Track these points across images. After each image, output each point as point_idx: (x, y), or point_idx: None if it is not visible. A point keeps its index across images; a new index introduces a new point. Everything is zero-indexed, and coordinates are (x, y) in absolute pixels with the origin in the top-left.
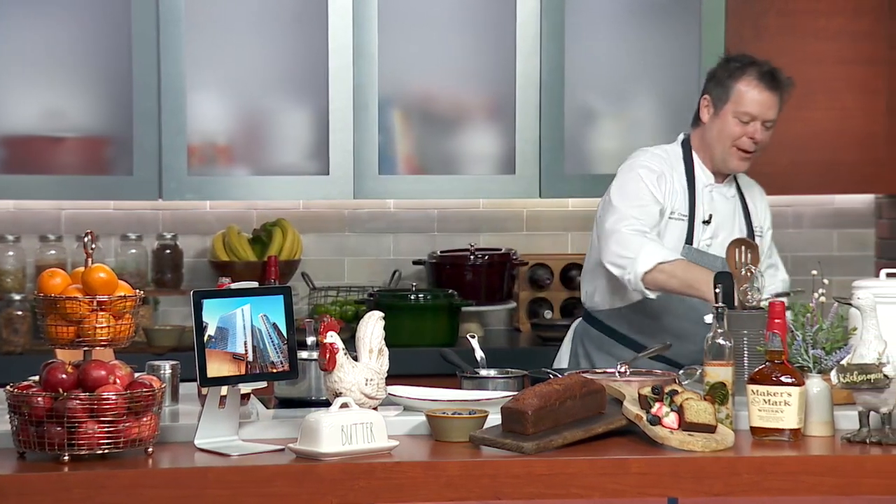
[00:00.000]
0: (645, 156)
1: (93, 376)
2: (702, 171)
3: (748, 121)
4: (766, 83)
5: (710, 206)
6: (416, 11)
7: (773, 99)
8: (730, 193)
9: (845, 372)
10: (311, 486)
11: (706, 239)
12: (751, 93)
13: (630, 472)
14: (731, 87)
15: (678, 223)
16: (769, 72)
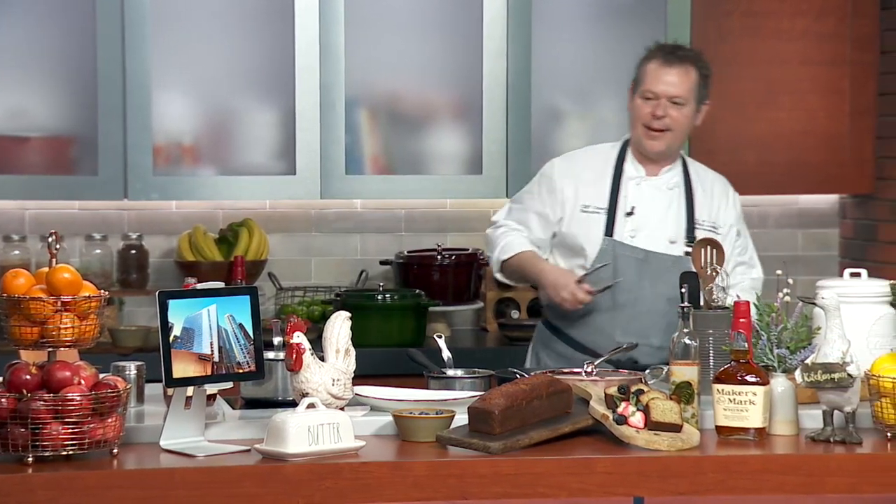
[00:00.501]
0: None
1: (57, 377)
2: (632, 166)
3: (652, 97)
4: (667, 60)
5: (635, 198)
6: (383, 11)
7: (675, 75)
8: (667, 185)
9: (809, 371)
10: (277, 487)
11: (629, 230)
12: (653, 71)
13: (596, 472)
14: (640, 70)
15: (594, 216)
16: (671, 50)
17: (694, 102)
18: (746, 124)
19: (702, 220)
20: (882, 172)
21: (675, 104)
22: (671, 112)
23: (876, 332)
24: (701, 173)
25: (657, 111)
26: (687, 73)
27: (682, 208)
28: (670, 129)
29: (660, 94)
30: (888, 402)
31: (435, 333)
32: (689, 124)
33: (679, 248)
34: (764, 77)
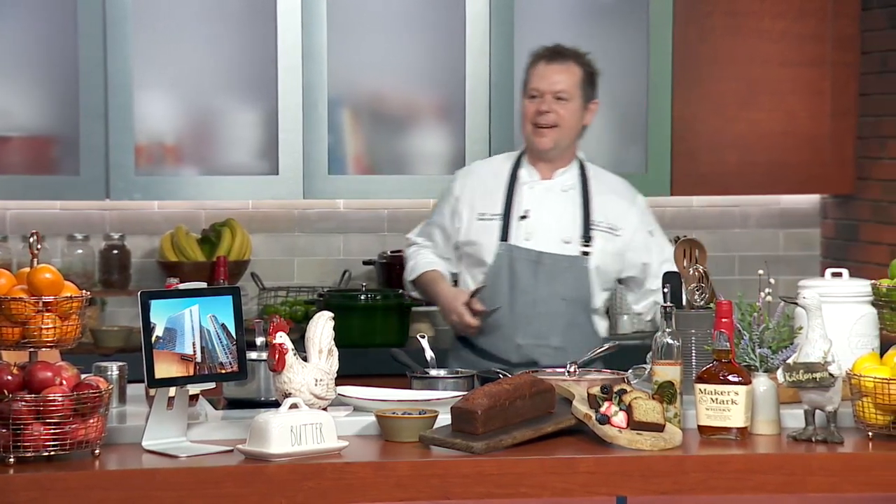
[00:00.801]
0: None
1: (38, 378)
2: (526, 171)
3: (537, 96)
4: (550, 58)
5: (529, 202)
6: (366, 11)
7: (556, 71)
8: (561, 188)
9: (791, 371)
10: (260, 487)
11: (524, 234)
12: (537, 70)
13: (579, 472)
14: (526, 74)
15: (491, 223)
16: (554, 49)
17: (580, 99)
18: (727, 124)
19: (598, 221)
20: (863, 172)
21: (559, 100)
22: (556, 108)
23: (857, 332)
24: (601, 176)
25: (542, 107)
26: (570, 70)
27: (578, 209)
28: (557, 126)
29: (544, 90)
30: (869, 401)
31: (418, 333)
32: (577, 121)
33: (575, 248)
34: (745, 77)
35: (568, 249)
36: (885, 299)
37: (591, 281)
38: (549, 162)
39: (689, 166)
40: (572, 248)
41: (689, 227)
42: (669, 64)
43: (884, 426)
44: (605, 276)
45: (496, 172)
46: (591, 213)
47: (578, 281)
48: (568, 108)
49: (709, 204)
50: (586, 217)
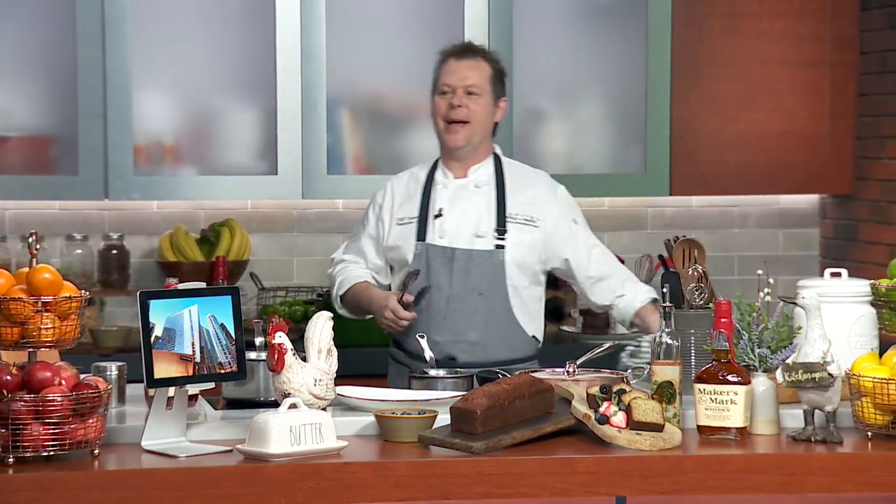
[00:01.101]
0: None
1: (38, 378)
2: (442, 173)
3: (448, 91)
4: (459, 55)
5: (443, 201)
6: (364, 12)
7: (466, 66)
8: (475, 184)
9: (790, 371)
10: (259, 487)
11: (438, 232)
12: (447, 66)
13: (578, 472)
14: (435, 74)
15: (408, 226)
16: (463, 46)
17: (490, 95)
18: (726, 125)
19: (514, 213)
20: (862, 173)
21: (470, 94)
22: (467, 103)
23: (856, 332)
24: (518, 170)
25: (454, 101)
26: (480, 66)
27: (492, 203)
28: (468, 121)
29: (455, 85)
30: (868, 401)
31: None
32: (488, 116)
33: (489, 242)
34: (744, 77)
35: (481, 244)
36: (884, 299)
37: (508, 274)
38: (462, 160)
39: (688, 166)
40: (486, 243)
41: (688, 227)
42: (668, 64)
43: (883, 426)
44: (526, 268)
45: (415, 179)
46: (507, 207)
47: (493, 275)
48: (479, 102)
49: (708, 204)
50: (501, 211)
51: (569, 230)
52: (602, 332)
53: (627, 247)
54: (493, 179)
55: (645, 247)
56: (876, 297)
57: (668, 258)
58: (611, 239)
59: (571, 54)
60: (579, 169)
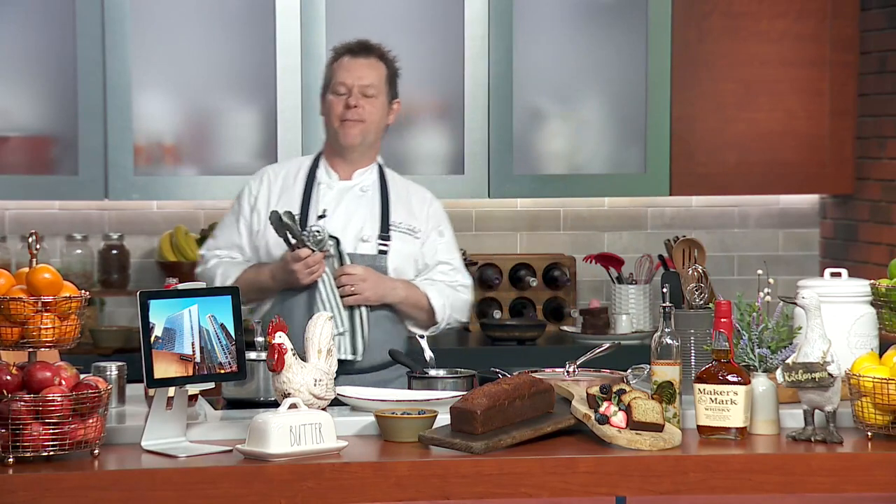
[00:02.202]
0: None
1: (38, 378)
2: (324, 172)
3: (344, 92)
4: (353, 52)
5: (326, 201)
6: (364, 12)
7: (362, 65)
8: (360, 188)
9: (790, 371)
10: (259, 488)
11: None
12: (343, 65)
13: (578, 471)
14: (329, 71)
15: None
16: (358, 45)
17: (385, 96)
18: (726, 125)
19: (397, 222)
20: (862, 173)
21: (366, 96)
22: (363, 103)
23: (856, 332)
24: (398, 180)
25: (350, 101)
26: (376, 65)
27: (377, 210)
28: (364, 121)
29: (351, 85)
30: (868, 401)
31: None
32: (382, 118)
33: (372, 247)
34: (744, 78)
35: (365, 248)
36: (884, 299)
37: None
38: (352, 163)
39: (688, 166)
40: (370, 247)
41: (688, 227)
42: (668, 64)
43: (883, 426)
44: (404, 276)
45: (292, 173)
46: (390, 214)
47: None
48: (374, 103)
49: (708, 204)
50: (385, 218)
51: (434, 242)
52: (602, 332)
53: (627, 247)
54: (378, 186)
55: (645, 247)
56: (876, 297)
57: (668, 258)
58: (611, 239)
59: (571, 54)
60: (579, 169)
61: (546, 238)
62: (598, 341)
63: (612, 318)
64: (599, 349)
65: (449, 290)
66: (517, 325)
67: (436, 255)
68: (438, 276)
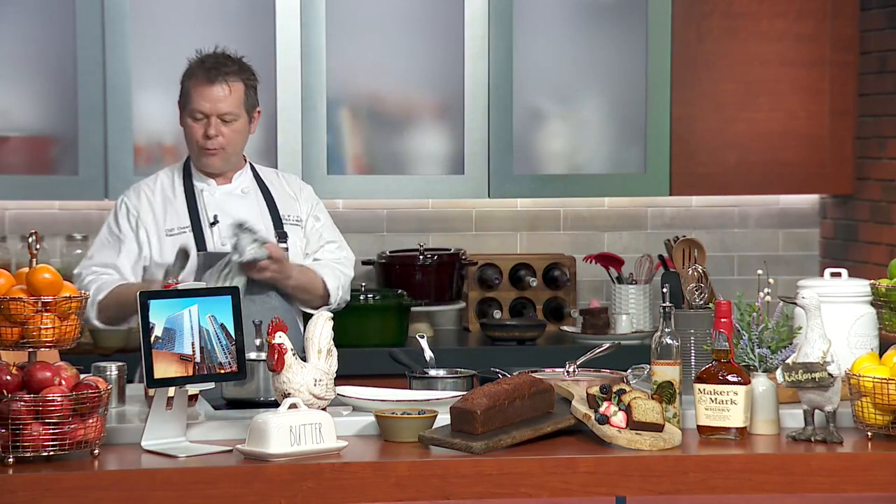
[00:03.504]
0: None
1: (38, 378)
2: (200, 180)
3: (202, 118)
4: (209, 77)
5: (214, 207)
6: (364, 12)
7: (217, 92)
8: (241, 190)
9: (790, 371)
10: (259, 488)
11: (218, 240)
12: (196, 91)
13: (578, 471)
14: (184, 88)
15: (180, 237)
16: (214, 66)
17: (245, 115)
18: (726, 125)
19: (286, 215)
20: (862, 173)
21: (226, 122)
22: (223, 130)
23: (856, 332)
24: (269, 174)
25: (209, 130)
26: (233, 88)
27: (264, 207)
28: (224, 148)
29: (208, 112)
30: (868, 401)
31: (417, 333)
32: (244, 137)
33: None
34: (744, 78)
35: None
36: (884, 299)
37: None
38: (223, 174)
39: (688, 166)
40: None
41: (688, 227)
42: (668, 64)
43: (883, 426)
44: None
45: (168, 186)
46: (278, 209)
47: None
48: (234, 126)
49: (708, 204)
50: (275, 214)
51: (312, 226)
52: (602, 332)
53: (627, 247)
54: (255, 185)
55: (645, 247)
56: (876, 297)
57: (668, 258)
58: (611, 239)
59: (571, 54)
60: (579, 169)
61: (546, 238)
62: (598, 341)
63: (612, 318)
64: (599, 349)
65: (339, 271)
66: (517, 325)
67: (320, 237)
68: (328, 255)
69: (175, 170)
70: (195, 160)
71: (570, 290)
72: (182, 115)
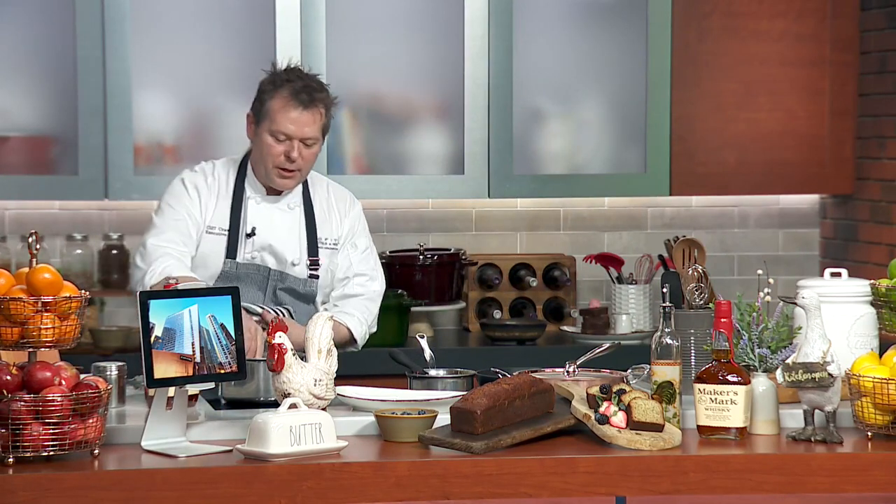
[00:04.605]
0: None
1: (38, 378)
2: (252, 185)
3: (284, 139)
4: (299, 102)
5: (256, 219)
6: (364, 11)
7: (307, 117)
8: (288, 205)
9: (790, 371)
10: (259, 488)
11: (250, 251)
12: (284, 112)
13: (578, 471)
14: (267, 105)
15: (218, 238)
16: (303, 89)
17: (321, 139)
18: (726, 125)
19: (324, 238)
20: (862, 173)
21: (307, 146)
22: (304, 153)
23: (856, 332)
24: (320, 190)
25: (291, 154)
26: (319, 114)
27: (303, 228)
28: (301, 169)
29: (293, 135)
30: (868, 401)
31: (417, 333)
32: (316, 159)
33: (302, 270)
34: (744, 77)
35: (295, 271)
36: (884, 299)
37: (317, 300)
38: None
39: (688, 166)
40: (300, 270)
41: (688, 227)
42: (668, 64)
43: (883, 426)
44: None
45: (223, 181)
46: (317, 232)
47: (304, 302)
48: (314, 150)
49: (708, 204)
50: (312, 237)
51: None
52: (602, 332)
53: (627, 247)
54: (302, 200)
55: (645, 247)
56: (876, 297)
57: (668, 258)
58: (611, 239)
59: (571, 54)
60: (579, 169)
61: (546, 238)
62: (598, 341)
63: (612, 318)
64: (599, 349)
65: (365, 307)
66: (517, 325)
67: (350, 266)
68: (356, 290)
69: (231, 166)
70: (265, 175)
71: (570, 290)
72: (258, 128)
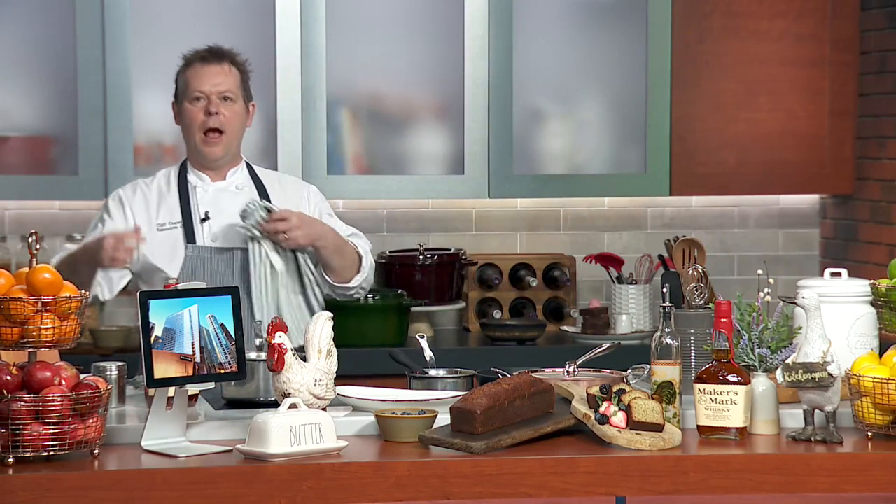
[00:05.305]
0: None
1: (38, 378)
2: (194, 175)
3: (201, 98)
4: (206, 60)
5: (206, 204)
6: (364, 11)
7: (216, 69)
8: (235, 187)
9: (790, 371)
10: (259, 488)
11: (208, 236)
12: (194, 73)
13: (578, 471)
14: (181, 79)
15: (171, 231)
16: (208, 51)
17: (242, 101)
18: (726, 125)
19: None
20: (862, 173)
21: (225, 100)
22: (223, 110)
23: (856, 332)
24: (268, 174)
25: (210, 108)
26: (230, 70)
27: None
28: (225, 131)
29: (209, 92)
30: (868, 401)
31: (417, 333)
32: (242, 123)
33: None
34: (744, 77)
35: None
36: (885, 299)
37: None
38: (219, 169)
39: (688, 166)
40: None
41: (688, 227)
42: (668, 64)
43: (883, 426)
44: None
45: (163, 183)
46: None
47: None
48: (234, 109)
49: (708, 204)
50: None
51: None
52: (602, 332)
53: (627, 247)
54: (251, 182)
55: (645, 247)
56: (876, 297)
57: (668, 258)
58: (611, 239)
59: (571, 54)
60: (579, 169)
61: (546, 238)
62: (598, 341)
63: (612, 318)
64: (599, 349)
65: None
66: (517, 325)
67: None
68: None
69: (172, 168)
70: (194, 151)
71: (570, 290)
72: (179, 108)
